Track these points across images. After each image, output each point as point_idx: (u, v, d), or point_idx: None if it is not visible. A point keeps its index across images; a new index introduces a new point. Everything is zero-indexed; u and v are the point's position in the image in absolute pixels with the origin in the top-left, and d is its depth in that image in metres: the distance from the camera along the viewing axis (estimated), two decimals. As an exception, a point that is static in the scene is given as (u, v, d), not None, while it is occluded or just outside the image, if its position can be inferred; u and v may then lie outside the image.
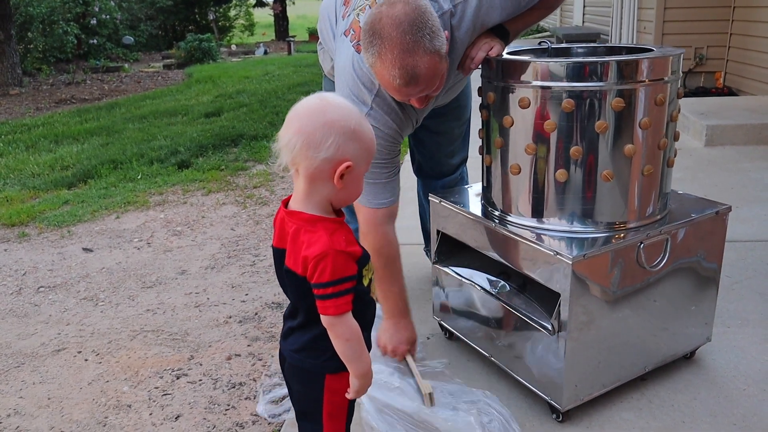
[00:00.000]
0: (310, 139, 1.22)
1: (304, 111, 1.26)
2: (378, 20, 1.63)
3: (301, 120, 1.24)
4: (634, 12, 7.37)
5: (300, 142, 1.22)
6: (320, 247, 1.21)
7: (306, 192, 1.26)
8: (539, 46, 2.04)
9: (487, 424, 1.76)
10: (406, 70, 1.63)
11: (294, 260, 1.26)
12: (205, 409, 2.10)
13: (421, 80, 1.66)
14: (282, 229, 1.32)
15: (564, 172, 1.73)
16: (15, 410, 2.15)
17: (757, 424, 1.80)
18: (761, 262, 2.77)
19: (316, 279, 1.22)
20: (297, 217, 1.27)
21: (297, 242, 1.25)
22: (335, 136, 1.23)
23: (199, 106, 7.66)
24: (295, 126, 1.24)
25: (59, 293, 3.02)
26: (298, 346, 1.37)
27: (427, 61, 1.63)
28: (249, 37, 21.52)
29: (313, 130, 1.22)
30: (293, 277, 1.28)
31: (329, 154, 1.22)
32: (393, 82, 1.67)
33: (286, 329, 1.40)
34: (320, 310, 1.25)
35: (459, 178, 2.64)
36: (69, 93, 9.87)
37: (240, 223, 3.81)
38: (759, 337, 2.22)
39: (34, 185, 4.81)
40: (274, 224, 1.36)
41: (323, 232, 1.24)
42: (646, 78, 1.66)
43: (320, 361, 1.35)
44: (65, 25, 12.67)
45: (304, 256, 1.23)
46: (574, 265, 1.62)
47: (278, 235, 1.34)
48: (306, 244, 1.23)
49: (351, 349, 1.29)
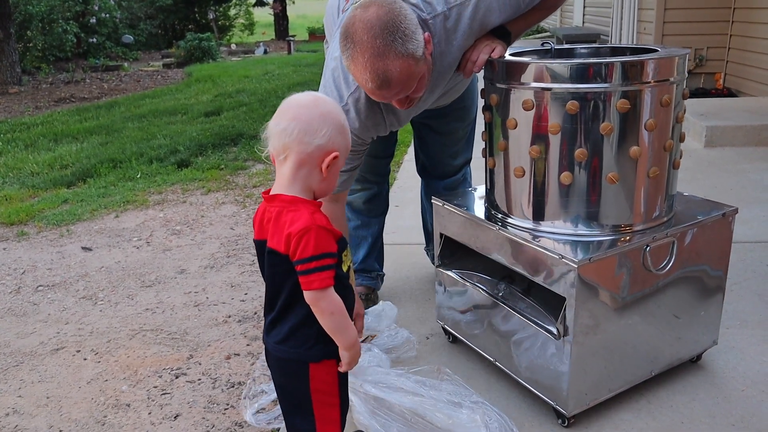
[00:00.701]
0: (307, 126, 1.30)
1: (299, 102, 1.34)
2: (351, 24, 1.64)
3: (298, 109, 1.32)
4: (634, 13, 7.37)
5: (297, 128, 1.29)
6: (303, 222, 1.27)
7: (291, 177, 1.33)
8: (542, 47, 2.03)
9: (489, 423, 1.76)
10: (378, 74, 1.63)
11: (277, 240, 1.30)
12: (204, 408, 2.09)
13: (394, 84, 1.66)
14: (262, 219, 1.37)
15: (569, 174, 1.72)
16: (14, 409, 2.14)
17: (755, 425, 1.80)
18: (760, 264, 2.77)
19: (299, 254, 1.27)
20: (279, 200, 1.33)
21: (279, 223, 1.31)
22: (329, 126, 1.31)
23: (199, 105, 7.65)
24: (291, 114, 1.31)
25: (58, 292, 3.01)
26: (281, 337, 1.40)
27: (399, 64, 1.63)
28: (249, 36, 21.51)
29: (309, 119, 1.31)
30: (275, 257, 1.32)
31: (322, 142, 1.31)
32: (366, 85, 1.69)
33: (267, 323, 1.44)
34: (304, 285, 1.29)
35: (462, 179, 2.64)
36: (68, 92, 9.85)
37: (239, 223, 3.80)
38: (758, 338, 2.22)
39: (33, 184, 4.80)
40: (254, 221, 1.41)
41: (305, 211, 1.30)
42: (652, 79, 1.65)
43: (303, 349, 1.39)
44: (65, 24, 12.66)
45: (287, 233, 1.28)
46: (579, 268, 1.62)
47: (258, 228, 1.39)
48: (288, 222, 1.29)
49: (336, 322, 1.33)
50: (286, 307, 1.38)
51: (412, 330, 2.35)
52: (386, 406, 1.84)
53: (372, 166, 2.41)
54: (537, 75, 1.70)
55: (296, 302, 1.35)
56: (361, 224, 2.53)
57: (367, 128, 1.96)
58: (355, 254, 2.55)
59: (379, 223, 2.61)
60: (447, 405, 1.85)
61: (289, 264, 1.30)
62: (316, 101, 1.34)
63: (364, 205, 2.52)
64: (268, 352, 1.46)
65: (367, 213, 2.54)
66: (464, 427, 1.76)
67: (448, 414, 1.81)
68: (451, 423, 1.78)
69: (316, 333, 1.37)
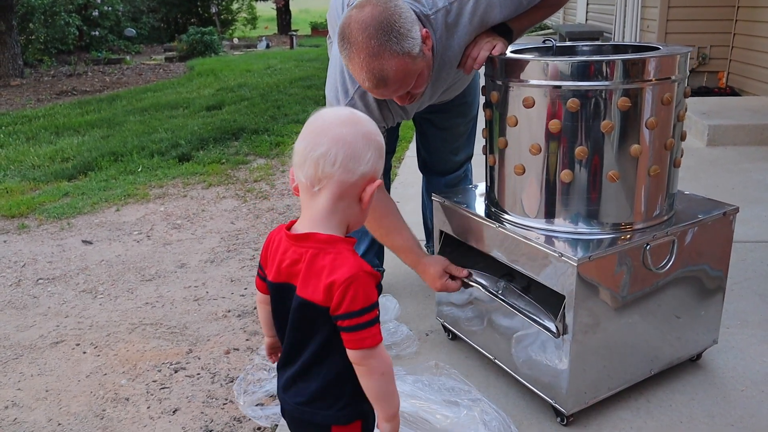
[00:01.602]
0: (352, 152, 1.10)
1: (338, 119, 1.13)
2: (347, 24, 1.65)
3: (340, 128, 1.11)
4: (637, 10, 7.35)
5: (342, 154, 1.09)
6: (349, 269, 1.08)
7: (329, 211, 1.14)
8: (544, 44, 2.03)
9: (488, 422, 1.76)
10: (374, 74, 1.65)
11: (313, 289, 1.11)
12: (203, 403, 2.09)
13: (391, 82, 1.67)
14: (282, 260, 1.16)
15: (569, 172, 1.71)
16: (13, 402, 2.14)
17: (755, 426, 1.80)
18: (761, 264, 2.76)
19: (346, 308, 1.07)
20: (313, 239, 1.13)
21: (314, 267, 1.11)
22: (372, 150, 1.13)
23: (201, 99, 7.65)
24: (331, 135, 1.10)
25: (58, 285, 3.01)
26: (306, 398, 1.20)
27: (395, 63, 1.64)
28: (251, 30, 21.48)
29: (354, 140, 1.10)
30: (309, 310, 1.12)
31: (367, 169, 1.12)
32: (364, 84, 1.71)
33: (286, 380, 1.24)
34: (352, 344, 1.10)
35: (463, 176, 2.63)
36: (70, 85, 9.84)
37: (240, 217, 3.80)
38: (758, 338, 2.22)
39: (34, 177, 4.80)
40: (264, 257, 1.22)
41: (348, 253, 1.11)
42: (653, 77, 1.65)
43: (332, 411, 1.19)
44: (67, 17, 12.63)
45: (329, 282, 1.08)
46: (579, 266, 1.61)
47: (276, 270, 1.18)
48: (329, 268, 1.09)
49: (386, 384, 1.14)
50: (314, 363, 1.18)
51: (412, 326, 2.35)
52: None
53: None
54: (538, 72, 1.70)
55: (327, 358, 1.16)
56: None
57: (378, 120, 1.98)
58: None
59: None
60: (445, 406, 1.86)
61: (327, 317, 1.10)
62: (356, 119, 1.14)
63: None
64: (284, 410, 1.27)
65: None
66: (463, 426, 1.76)
67: (445, 414, 1.81)
68: (449, 423, 1.78)
69: (349, 393, 1.19)
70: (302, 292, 1.12)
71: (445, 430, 1.78)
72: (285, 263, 1.16)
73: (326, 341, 1.14)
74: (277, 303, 1.21)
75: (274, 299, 1.22)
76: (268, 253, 1.22)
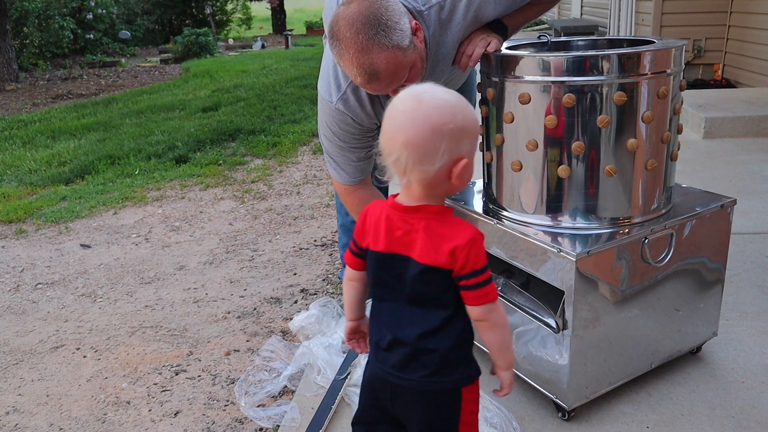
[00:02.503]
0: (421, 153, 1.13)
1: (406, 118, 1.15)
2: (335, 22, 1.65)
3: (406, 130, 1.13)
4: (632, 4, 7.35)
5: (412, 158, 1.13)
6: (469, 232, 1.18)
7: (424, 193, 1.19)
8: (539, 39, 2.03)
9: (489, 419, 1.76)
10: (364, 69, 1.64)
11: (435, 255, 1.18)
12: (204, 405, 2.09)
13: (383, 76, 1.66)
14: (393, 230, 1.22)
15: (566, 167, 1.71)
16: (14, 407, 2.14)
17: (755, 417, 1.80)
18: (760, 255, 2.76)
19: (471, 266, 1.17)
20: (425, 211, 1.20)
21: (433, 235, 1.18)
22: (446, 140, 1.13)
23: (197, 100, 7.64)
24: (400, 139, 1.13)
25: (57, 290, 3.01)
26: (432, 369, 1.22)
27: (385, 57, 1.63)
28: (246, 30, 21.42)
29: (422, 142, 1.12)
30: (433, 274, 1.18)
31: (444, 160, 1.15)
32: (356, 80, 1.70)
33: (400, 358, 1.25)
34: (476, 300, 1.19)
35: None
36: (66, 88, 9.83)
37: (238, 218, 3.80)
38: (758, 329, 2.22)
39: (31, 181, 4.79)
40: (362, 231, 1.28)
41: (460, 219, 1.21)
42: (649, 71, 1.64)
43: (456, 376, 1.24)
44: (61, 20, 12.61)
45: (454, 246, 1.16)
46: (577, 261, 1.61)
47: (387, 239, 1.23)
48: (449, 234, 1.18)
49: (505, 335, 1.25)
50: (437, 331, 1.22)
51: (412, 324, 2.35)
52: None
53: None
54: (533, 68, 1.69)
55: (450, 322, 1.21)
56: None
57: (369, 115, 1.98)
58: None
59: None
60: None
61: (450, 280, 1.18)
62: (425, 111, 1.14)
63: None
64: (400, 390, 1.26)
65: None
66: None
67: None
68: None
69: (469, 352, 1.26)
70: (424, 259, 1.19)
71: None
72: (397, 234, 1.22)
73: (449, 304, 1.21)
74: (383, 273, 1.26)
75: (380, 270, 1.26)
76: (366, 227, 1.27)
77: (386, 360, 1.27)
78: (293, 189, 4.30)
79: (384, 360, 1.27)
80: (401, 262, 1.21)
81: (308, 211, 3.85)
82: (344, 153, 2.07)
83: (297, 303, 2.71)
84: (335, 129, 2.02)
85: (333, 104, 1.97)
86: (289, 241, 3.39)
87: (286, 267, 3.08)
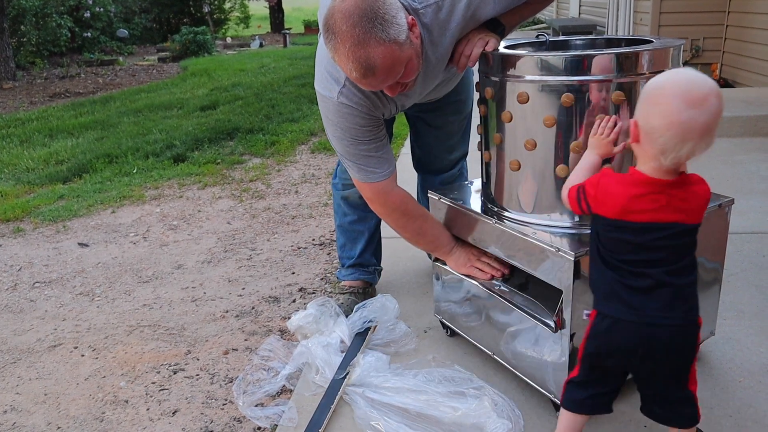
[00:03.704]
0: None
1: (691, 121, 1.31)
2: (331, 15, 1.63)
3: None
4: (630, 3, 7.36)
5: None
6: (707, 186, 1.42)
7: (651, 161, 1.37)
8: (537, 39, 2.03)
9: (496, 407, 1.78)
10: (360, 63, 1.62)
11: (696, 214, 1.40)
12: (203, 404, 2.09)
13: (379, 71, 1.64)
14: (670, 201, 1.38)
15: (564, 167, 1.71)
16: (11, 406, 2.14)
17: (752, 416, 1.81)
18: (757, 254, 2.77)
19: (702, 216, 1.41)
20: (684, 179, 1.40)
21: (693, 198, 1.39)
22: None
23: (195, 99, 7.63)
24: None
25: (55, 288, 3.00)
26: (690, 306, 1.41)
27: (381, 51, 1.62)
28: (244, 29, 21.42)
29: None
30: (691, 233, 1.40)
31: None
32: (351, 74, 1.67)
33: (667, 303, 1.39)
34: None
35: (458, 174, 2.63)
36: (63, 87, 9.82)
37: (236, 217, 3.79)
38: (755, 329, 2.22)
39: (28, 180, 4.78)
40: (647, 205, 1.38)
41: (700, 177, 1.44)
42: (647, 70, 1.65)
43: (696, 309, 1.42)
44: (59, 18, 12.59)
45: (702, 203, 1.40)
46: (576, 261, 1.61)
47: (654, 210, 1.38)
48: (697, 195, 1.40)
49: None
50: (692, 271, 1.42)
51: (410, 323, 2.35)
52: (391, 410, 1.85)
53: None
54: (531, 68, 1.70)
55: (695, 269, 1.42)
56: (357, 219, 2.53)
57: (374, 104, 1.94)
58: (352, 249, 2.55)
59: (376, 217, 2.59)
60: (451, 398, 1.86)
61: (696, 232, 1.40)
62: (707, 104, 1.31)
63: (361, 199, 2.51)
64: (660, 334, 1.41)
65: (363, 207, 2.52)
66: (473, 416, 1.77)
67: (454, 407, 1.82)
68: (459, 415, 1.79)
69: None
70: (690, 220, 1.38)
71: (455, 422, 1.79)
72: (663, 203, 1.37)
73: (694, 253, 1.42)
74: (661, 240, 1.38)
75: (660, 239, 1.38)
76: (650, 199, 1.38)
77: (643, 306, 1.39)
78: (291, 188, 4.30)
79: (641, 306, 1.39)
80: (657, 227, 1.38)
81: (306, 210, 3.85)
82: (360, 148, 1.98)
83: (295, 302, 2.71)
84: (344, 125, 1.95)
85: (335, 99, 1.91)
86: (288, 240, 3.39)
87: (284, 266, 3.08)
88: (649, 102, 1.33)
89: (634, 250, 1.39)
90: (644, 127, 1.34)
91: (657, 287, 1.38)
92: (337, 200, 2.55)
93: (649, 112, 1.33)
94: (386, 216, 2.13)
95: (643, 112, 1.34)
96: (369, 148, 1.99)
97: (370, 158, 2.00)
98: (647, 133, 1.33)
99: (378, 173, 2.02)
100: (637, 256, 1.39)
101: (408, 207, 2.09)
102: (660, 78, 1.33)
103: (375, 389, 1.93)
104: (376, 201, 2.09)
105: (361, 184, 2.07)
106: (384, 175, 2.03)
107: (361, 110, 1.92)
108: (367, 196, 2.10)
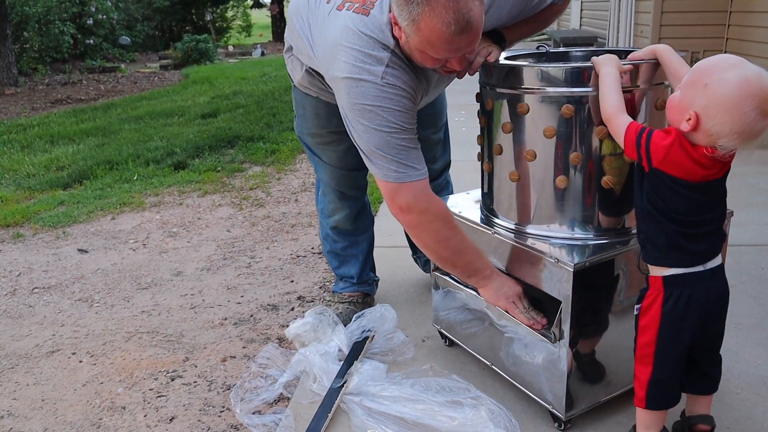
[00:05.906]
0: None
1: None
2: None
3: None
4: (631, 16, 7.39)
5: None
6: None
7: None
8: (538, 50, 2.04)
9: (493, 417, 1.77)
10: (462, 14, 1.55)
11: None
12: (200, 411, 2.09)
13: (474, 28, 1.59)
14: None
15: (564, 178, 1.72)
16: (9, 412, 2.13)
17: (750, 428, 1.81)
18: (755, 267, 2.77)
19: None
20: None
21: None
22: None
23: (196, 107, 7.65)
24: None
25: (54, 294, 3.00)
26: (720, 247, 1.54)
27: (478, 11, 1.59)
28: (246, 38, 21.48)
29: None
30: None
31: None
32: (447, 30, 1.56)
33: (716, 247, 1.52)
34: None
35: (444, 184, 2.63)
36: (65, 93, 9.84)
37: (236, 225, 3.80)
38: (753, 340, 2.22)
39: (29, 185, 4.79)
40: (710, 171, 1.44)
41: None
42: (647, 82, 1.66)
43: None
44: (61, 25, 12.62)
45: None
46: (575, 271, 1.62)
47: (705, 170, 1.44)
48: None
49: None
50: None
51: (408, 333, 2.35)
52: (388, 419, 1.85)
53: (350, 179, 2.37)
54: (532, 79, 1.70)
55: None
56: (349, 244, 2.50)
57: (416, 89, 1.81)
58: (348, 271, 2.52)
59: (368, 238, 2.56)
60: (448, 407, 1.86)
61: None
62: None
63: (353, 224, 2.47)
64: (719, 281, 1.55)
65: (354, 232, 2.49)
66: (470, 425, 1.76)
67: (451, 416, 1.81)
68: (456, 424, 1.78)
69: None
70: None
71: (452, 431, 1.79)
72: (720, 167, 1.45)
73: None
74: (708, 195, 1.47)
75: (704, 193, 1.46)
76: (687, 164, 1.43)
77: (705, 251, 1.51)
78: (291, 196, 4.31)
79: (703, 251, 1.51)
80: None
81: (306, 218, 3.85)
82: (403, 137, 1.75)
83: (294, 310, 2.71)
84: (388, 108, 1.71)
85: (378, 80, 1.70)
86: (287, 249, 3.39)
87: (283, 274, 3.08)
88: (719, 105, 1.33)
89: (698, 206, 1.47)
90: (708, 126, 1.36)
91: (713, 234, 1.50)
92: (325, 230, 2.52)
93: (717, 113, 1.33)
94: (426, 225, 1.82)
95: (711, 112, 1.34)
96: (411, 138, 1.77)
97: (411, 150, 1.77)
98: (710, 134, 1.36)
99: (419, 169, 1.78)
100: (700, 208, 1.47)
101: (450, 215, 1.89)
102: (728, 75, 1.35)
103: (372, 398, 1.93)
104: (418, 206, 1.79)
105: (398, 186, 1.77)
106: (425, 173, 1.80)
107: (408, 90, 1.75)
108: (406, 201, 1.78)
